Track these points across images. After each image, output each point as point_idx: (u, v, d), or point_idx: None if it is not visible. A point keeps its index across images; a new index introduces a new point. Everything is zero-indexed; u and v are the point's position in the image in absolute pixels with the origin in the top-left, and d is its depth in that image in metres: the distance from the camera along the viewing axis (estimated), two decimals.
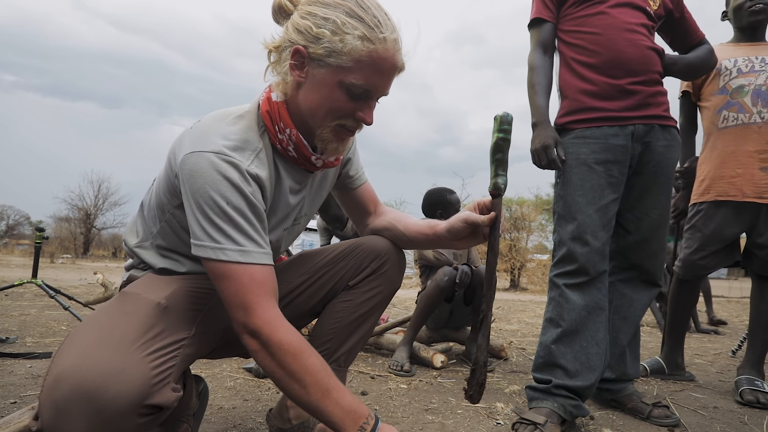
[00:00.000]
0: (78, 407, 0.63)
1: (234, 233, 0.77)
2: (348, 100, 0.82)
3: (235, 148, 0.80)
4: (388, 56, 0.79)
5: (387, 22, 0.80)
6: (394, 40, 0.80)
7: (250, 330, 0.77)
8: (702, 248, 1.86)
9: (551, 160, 1.40)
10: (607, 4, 1.43)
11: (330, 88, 0.81)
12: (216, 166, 0.77)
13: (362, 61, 0.78)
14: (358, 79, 0.79)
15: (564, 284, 1.41)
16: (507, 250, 11.48)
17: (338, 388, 0.77)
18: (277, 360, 0.76)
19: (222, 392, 1.57)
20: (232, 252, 0.76)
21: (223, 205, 0.76)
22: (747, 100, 1.79)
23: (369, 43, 0.77)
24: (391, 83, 0.85)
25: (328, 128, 0.85)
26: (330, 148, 0.88)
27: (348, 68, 0.78)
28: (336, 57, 0.78)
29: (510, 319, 4.38)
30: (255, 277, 0.77)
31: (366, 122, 0.85)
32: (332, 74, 0.80)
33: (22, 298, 4.10)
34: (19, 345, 2.18)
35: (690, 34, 1.60)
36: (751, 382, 1.73)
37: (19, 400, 1.37)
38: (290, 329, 0.79)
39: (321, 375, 0.77)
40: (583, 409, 1.35)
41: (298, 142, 0.87)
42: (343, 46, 0.77)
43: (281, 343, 0.76)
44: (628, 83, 1.41)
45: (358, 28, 0.77)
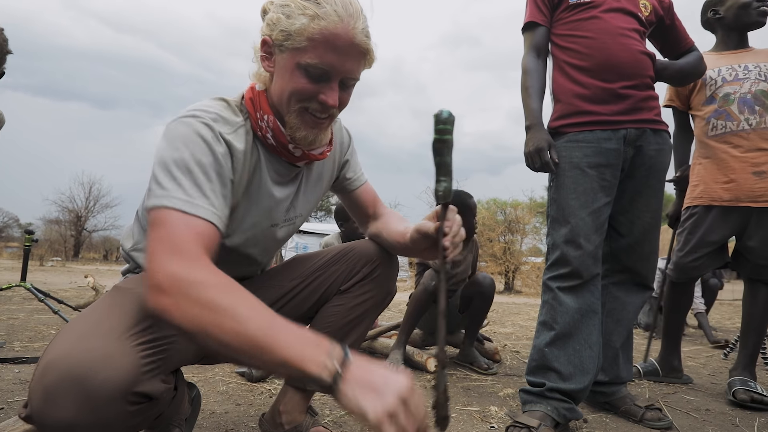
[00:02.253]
0: (67, 392, 0.63)
1: (188, 184, 0.73)
2: (307, 81, 0.81)
3: (215, 119, 0.82)
4: (341, 32, 0.78)
5: (345, 2, 0.79)
6: (349, 15, 0.78)
7: (168, 274, 0.63)
8: (694, 251, 1.88)
9: (544, 163, 1.40)
10: (600, 9, 1.45)
11: (290, 71, 0.81)
12: (189, 124, 0.79)
13: (315, 39, 0.77)
14: (313, 58, 0.78)
15: (557, 287, 1.42)
16: (501, 252, 11.53)
17: (284, 321, 0.62)
18: (201, 300, 0.61)
19: (214, 397, 1.56)
20: (178, 200, 0.71)
21: (186, 157, 0.75)
22: (734, 108, 1.82)
23: (320, 20, 0.77)
24: (353, 63, 0.82)
25: (294, 113, 0.84)
26: (299, 135, 0.86)
27: (302, 48, 0.78)
28: (291, 39, 0.78)
29: (504, 322, 4.39)
30: (194, 227, 0.70)
31: (328, 104, 0.82)
32: (290, 57, 0.80)
33: (11, 301, 4.04)
34: (7, 350, 2.14)
35: (680, 41, 1.62)
36: (744, 383, 1.74)
37: (6, 406, 1.35)
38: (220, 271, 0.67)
39: (260, 307, 0.63)
40: (577, 412, 1.35)
41: (275, 128, 0.87)
42: (295, 26, 0.77)
43: (206, 281, 0.63)
44: (621, 87, 1.42)
45: (309, 7, 0.77)
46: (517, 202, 13.59)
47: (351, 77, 0.84)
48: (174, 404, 0.96)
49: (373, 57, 0.85)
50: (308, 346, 0.59)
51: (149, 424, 0.94)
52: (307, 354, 0.58)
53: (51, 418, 0.63)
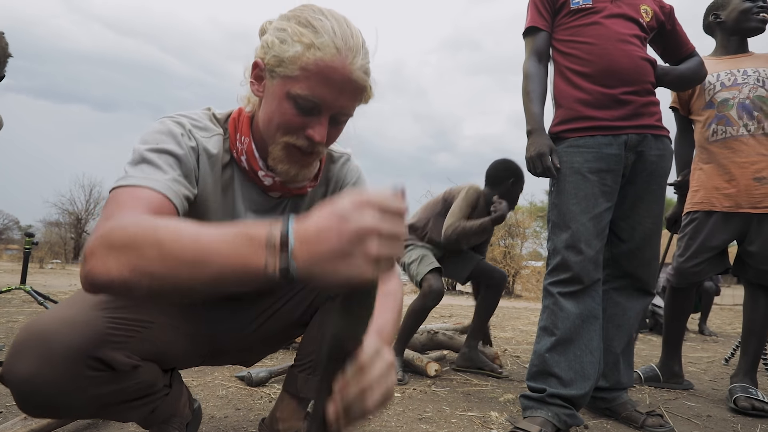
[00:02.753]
0: (30, 348, 0.67)
1: (147, 168, 0.72)
2: (296, 113, 0.76)
3: (191, 121, 0.82)
4: (337, 66, 0.72)
5: (344, 31, 0.74)
6: (348, 49, 0.73)
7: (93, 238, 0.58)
8: (694, 256, 1.88)
9: (546, 168, 1.40)
10: (601, 15, 1.45)
11: (279, 100, 0.76)
12: (162, 122, 0.79)
13: (308, 69, 0.72)
14: (304, 89, 0.73)
15: (558, 293, 1.41)
16: (501, 257, 11.52)
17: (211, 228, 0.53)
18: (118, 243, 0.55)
19: (214, 401, 1.55)
20: (132, 179, 0.69)
21: (150, 147, 0.74)
22: (733, 113, 1.82)
23: (315, 50, 0.72)
24: (347, 99, 0.77)
25: (279, 145, 0.79)
26: (280, 168, 0.81)
27: (294, 78, 0.73)
28: (284, 66, 0.74)
29: (504, 327, 4.38)
30: (137, 195, 0.67)
31: (314, 140, 0.77)
32: (281, 85, 0.75)
33: (10, 304, 4.04)
34: (6, 353, 2.14)
35: (681, 47, 1.62)
36: (744, 389, 1.74)
37: (5, 410, 1.34)
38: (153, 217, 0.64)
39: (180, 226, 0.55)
40: (578, 418, 1.35)
41: (248, 152, 0.84)
42: (289, 53, 0.73)
43: (119, 223, 0.58)
44: (622, 93, 1.42)
45: (306, 35, 0.72)
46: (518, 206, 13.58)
47: (343, 113, 0.79)
48: (168, 402, 0.96)
49: (370, 94, 0.80)
50: (242, 243, 0.50)
51: (143, 419, 0.95)
52: (243, 252, 0.50)
53: (14, 373, 0.67)
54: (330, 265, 0.47)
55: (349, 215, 0.47)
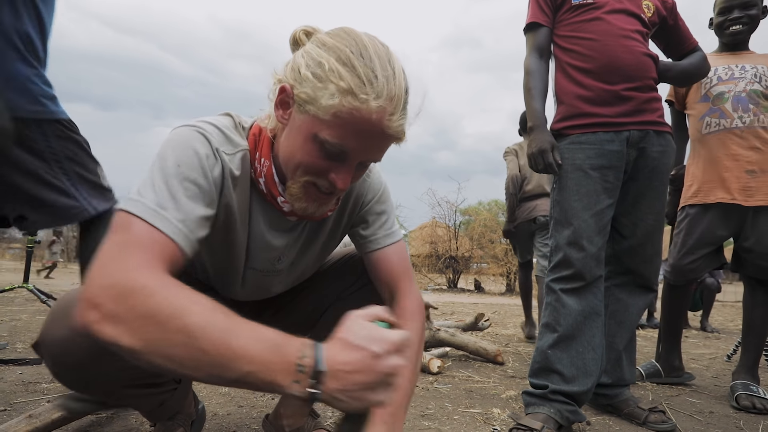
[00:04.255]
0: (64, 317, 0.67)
1: (164, 195, 0.65)
2: (321, 157, 0.70)
3: (219, 134, 0.75)
4: (373, 119, 0.66)
5: (388, 79, 0.66)
6: (389, 100, 0.66)
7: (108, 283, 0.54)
8: (691, 252, 1.88)
9: (548, 164, 1.40)
10: (603, 11, 1.44)
11: (304, 138, 0.70)
12: (189, 135, 0.72)
13: (341, 117, 0.65)
14: (333, 136, 0.67)
15: (560, 289, 1.41)
16: (503, 254, 11.51)
17: (244, 324, 0.54)
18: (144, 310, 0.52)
19: (216, 398, 1.55)
20: (148, 210, 0.63)
21: (172, 168, 0.67)
22: (728, 106, 1.82)
23: (352, 99, 0.64)
24: (378, 150, 0.72)
25: (298, 183, 0.74)
26: (298, 206, 0.76)
27: (324, 121, 0.67)
28: (314, 105, 0.67)
29: (506, 324, 4.38)
30: (157, 242, 0.61)
31: (337, 186, 0.72)
32: (309, 124, 0.69)
33: (13, 303, 4.05)
34: (10, 351, 2.15)
35: (683, 42, 1.61)
36: (746, 387, 1.74)
37: (9, 408, 1.35)
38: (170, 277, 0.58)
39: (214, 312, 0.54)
40: (580, 414, 1.35)
41: (268, 176, 0.79)
42: (323, 95, 0.66)
43: (149, 286, 0.54)
44: (624, 89, 1.42)
45: (345, 78, 0.64)
46: None
47: (373, 161, 0.75)
48: (176, 397, 0.98)
49: (403, 140, 0.73)
50: (272, 354, 0.51)
51: (153, 413, 0.95)
52: (272, 365, 0.51)
53: (48, 338, 0.68)
54: (358, 395, 0.53)
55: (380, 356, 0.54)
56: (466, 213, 13.93)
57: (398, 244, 0.93)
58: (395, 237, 0.94)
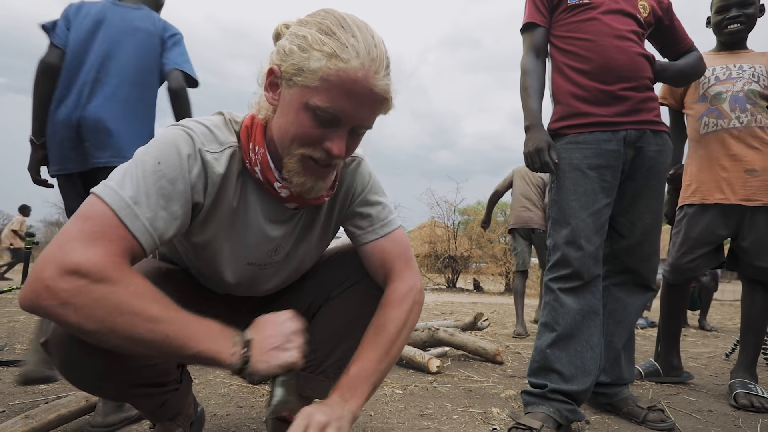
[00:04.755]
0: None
1: (140, 189, 0.68)
2: (314, 125, 0.72)
3: (204, 133, 0.77)
4: (360, 77, 0.69)
5: (367, 42, 0.70)
6: (372, 60, 0.70)
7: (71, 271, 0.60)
8: (690, 251, 1.88)
9: (544, 164, 1.40)
10: (599, 11, 1.45)
11: (296, 110, 0.72)
12: (175, 133, 0.75)
13: (329, 80, 0.69)
14: (324, 100, 0.70)
15: (558, 288, 1.42)
16: (501, 254, 11.52)
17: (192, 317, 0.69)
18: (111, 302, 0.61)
19: (216, 399, 1.55)
20: (122, 202, 0.66)
21: (152, 163, 0.70)
22: (725, 106, 1.82)
23: (338, 61, 0.68)
24: (368, 112, 0.74)
25: (294, 157, 0.76)
26: (296, 181, 0.78)
27: (314, 88, 0.70)
28: (303, 75, 0.70)
29: (505, 323, 4.38)
30: (123, 237, 0.66)
31: (332, 153, 0.74)
32: (299, 95, 0.72)
33: (11, 304, 4.04)
34: (8, 352, 2.14)
35: (679, 42, 1.62)
36: (744, 385, 1.74)
37: (7, 409, 1.35)
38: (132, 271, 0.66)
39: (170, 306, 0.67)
40: (579, 413, 1.35)
41: (263, 163, 0.80)
42: (309, 62, 0.69)
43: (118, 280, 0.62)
44: (620, 89, 1.42)
45: (328, 44, 0.68)
46: None
47: (363, 126, 0.76)
48: (177, 396, 1.00)
49: (391, 105, 0.76)
50: (217, 338, 0.69)
51: (155, 413, 0.97)
52: (216, 345, 0.68)
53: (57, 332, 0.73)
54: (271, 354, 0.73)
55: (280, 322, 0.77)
56: (465, 213, 13.93)
57: (393, 234, 0.94)
58: (391, 226, 0.94)
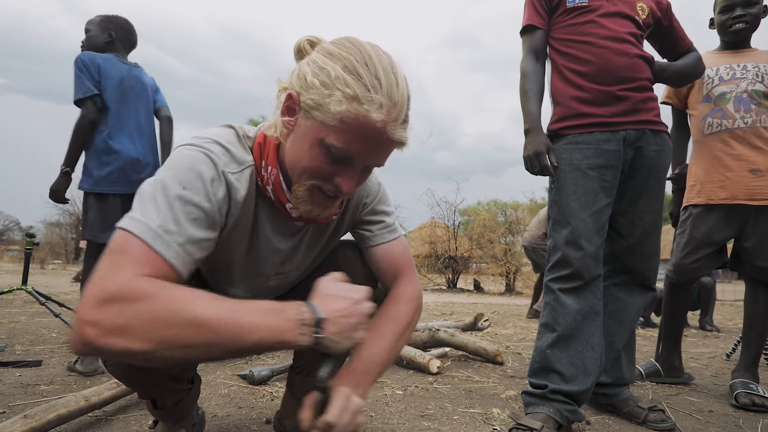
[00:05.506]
0: None
1: (168, 217, 0.66)
2: (327, 161, 0.72)
3: (223, 153, 0.76)
4: (377, 126, 0.68)
5: (391, 86, 0.69)
6: (393, 105, 0.69)
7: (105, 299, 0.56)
8: (694, 251, 1.88)
9: (543, 167, 1.40)
10: (597, 14, 1.45)
11: (311, 143, 0.72)
12: (194, 156, 0.72)
13: (347, 123, 0.68)
14: (340, 141, 0.70)
15: (559, 289, 1.42)
16: (502, 254, 11.51)
17: (241, 303, 0.62)
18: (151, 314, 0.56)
19: (216, 400, 1.55)
20: (150, 231, 0.64)
21: (176, 190, 0.68)
22: (729, 106, 1.82)
23: (358, 105, 0.67)
24: (382, 154, 0.74)
25: (304, 187, 0.76)
26: (303, 209, 0.78)
27: (331, 127, 0.69)
28: (321, 111, 0.69)
29: (505, 324, 4.38)
30: (154, 261, 0.63)
31: (342, 190, 0.74)
32: (315, 129, 0.71)
33: (12, 305, 4.04)
34: (8, 353, 2.14)
35: (678, 42, 1.62)
36: (745, 385, 1.74)
37: (8, 410, 1.35)
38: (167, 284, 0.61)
39: (211, 299, 0.61)
40: (579, 414, 1.35)
41: (276, 183, 0.80)
42: (330, 101, 0.68)
43: (149, 292, 0.58)
44: (619, 90, 1.42)
45: (351, 85, 0.67)
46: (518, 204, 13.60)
47: (377, 165, 0.77)
48: (190, 398, 1.04)
49: (406, 144, 0.75)
50: (275, 319, 0.62)
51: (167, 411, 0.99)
52: (278, 327, 0.62)
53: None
54: (350, 334, 0.67)
55: (360, 302, 0.70)
56: (465, 213, 13.92)
57: (399, 239, 0.97)
58: (396, 233, 0.98)
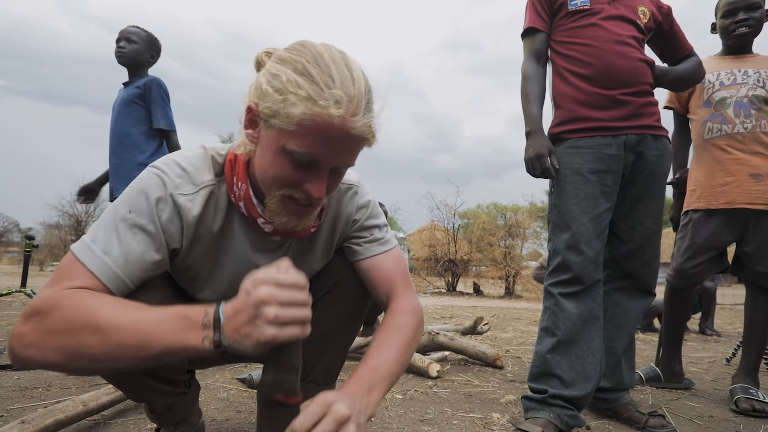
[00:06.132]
0: None
1: (112, 238, 0.71)
2: (292, 168, 0.71)
3: (179, 175, 0.77)
4: (337, 122, 0.66)
5: (345, 81, 0.67)
6: (350, 100, 0.67)
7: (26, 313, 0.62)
8: (694, 256, 1.88)
9: (545, 169, 1.40)
10: (599, 17, 1.45)
11: (274, 152, 0.71)
12: (147, 179, 0.76)
13: (305, 125, 0.66)
14: (300, 145, 0.68)
15: (559, 293, 1.41)
16: (502, 257, 11.50)
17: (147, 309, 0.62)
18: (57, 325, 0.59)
19: (215, 404, 1.55)
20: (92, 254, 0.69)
21: (122, 212, 0.73)
22: (729, 111, 1.83)
23: (313, 105, 0.65)
24: (347, 153, 0.72)
25: (275, 198, 0.75)
26: (279, 221, 0.77)
27: (290, 132, 0.67)
28: (278, 118, 0.68)
29: (505, 327, 4.37)
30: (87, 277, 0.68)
31: (312, 196, 0.72)
32: (276, 137, 0.70)
33: (11, 307, 4.03)
34: (7, 356, 2.14)
35: (679, 47, 1.62)
36: (746, 390, 1.73)
37: (6, 414, 1.34)
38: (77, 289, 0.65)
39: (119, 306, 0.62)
40: (579, 419, 1.35)
41: (246, 199, 0.80)
42: (284, 106, 0.66)
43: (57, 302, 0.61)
44: (620, 94, 1.42)
45: (304, 87, 0.66)
46: (518, 207, 13.57)
47: (344, 166, 0.74)
48: (185, 402, 1.03)
49: (373, 141, 0.73)
50: (180, 325, 0.60)
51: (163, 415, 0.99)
52: (182, 332, 0.59)
53: None
54: (244, 331, 0.58)
55: (249, 291, 0.59)
56: (465, 216, 13.92)
57: (392, 252, 0.95)
58: (388, 246, 0.95)
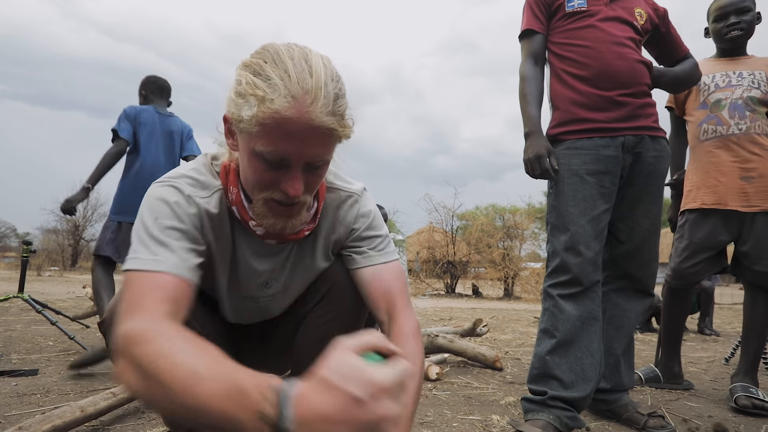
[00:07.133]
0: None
1: (153, 246, 0.71)
2: (265, 169, 0.71)
3: (191, 183, 0.80)
4: (294, 116, 0.65)
5: (300, 73, 0.66)
6: (305, 93, 0.66)
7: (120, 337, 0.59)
8: (692, 256, 1.89)
9: (544, 170, 1.41)
10: (596, 18, 1.46)
11: (248, 157, 0.72)
12: (160, 192, 0.77)
13: (265, 124, 0.66)
14: (266, 145, 0.68)
15: (558, 295, 1.42)
16: (500, 258, 11.51)
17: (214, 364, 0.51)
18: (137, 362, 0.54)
19: None
20: (143, 261, 0.69)
21: (151, 222, 0.73)
22: (725, 113, 1.84)
23: (269, 103, 0.65)
24: (315, 146, 0.70)
25: (259, 201, 0.76)
26: (267, 223, 0.78)
27: (255, 134, 0.68)
28: (244, 122, 0.68)
29: (504, 329, 4.37)
30: (154, 282, 0.67)
31: (288, 194, 0.72)
32: (246, 141, 0.71)
33: (8, 312, 4.02)
34: (5, 362, 2.12)
35: (675, 49, 1.63)
36: (745, 389, 1.74)
37: (3, 420, 1.33)
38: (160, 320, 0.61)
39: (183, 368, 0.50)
40: (579, 420, 1.35)
41: (237, 202, 0.81)
42: (246, 109, 0.67)
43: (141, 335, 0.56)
44: (618, 95, 1.43)
45: (260, 86, 0.66)
46: (516, 208, 13.59)
47: (316, 161, 0.72)
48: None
49: (345, 132, 0.72)
50: (233, 404, 0.47)
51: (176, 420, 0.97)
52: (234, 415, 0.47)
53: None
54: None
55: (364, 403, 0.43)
56: (463, 218, 13.93)
57: (392, 265, 0.91)
58: (388, 257, 0.92)
